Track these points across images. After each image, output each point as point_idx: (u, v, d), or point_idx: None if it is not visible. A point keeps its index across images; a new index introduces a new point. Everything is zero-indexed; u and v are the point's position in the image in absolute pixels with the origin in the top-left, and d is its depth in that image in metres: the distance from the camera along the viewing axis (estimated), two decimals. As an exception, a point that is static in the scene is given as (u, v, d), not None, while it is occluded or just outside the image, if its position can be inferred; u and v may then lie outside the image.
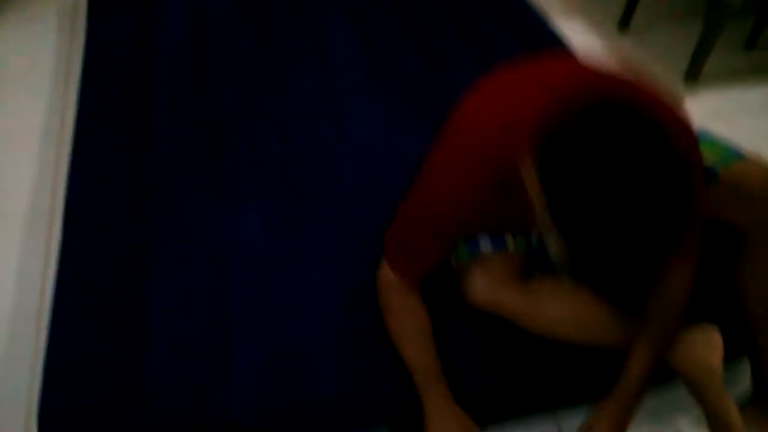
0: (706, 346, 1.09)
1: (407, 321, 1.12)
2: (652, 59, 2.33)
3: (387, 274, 1.13)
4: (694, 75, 2.19)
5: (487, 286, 1.12)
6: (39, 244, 1.54)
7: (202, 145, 1.42)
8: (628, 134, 0.77)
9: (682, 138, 0.89)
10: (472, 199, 1.02)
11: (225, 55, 1.67)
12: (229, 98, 1.55)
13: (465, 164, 1.01)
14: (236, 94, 1.56)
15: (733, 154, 1.14)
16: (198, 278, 1.20)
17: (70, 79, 2.01)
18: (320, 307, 1.18)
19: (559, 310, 1.12)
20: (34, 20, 2.30)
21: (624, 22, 2.47)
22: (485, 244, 1.15)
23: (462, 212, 1.04)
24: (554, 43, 1.83)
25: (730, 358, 1.16)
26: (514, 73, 1.09)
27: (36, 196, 1.65)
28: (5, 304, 1.41)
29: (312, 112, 1.54)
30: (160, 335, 1.13)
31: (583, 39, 2.38)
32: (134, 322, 1.14)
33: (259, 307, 1.17)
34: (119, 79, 1.60)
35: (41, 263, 1.49)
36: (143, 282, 1.19)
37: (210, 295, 1.18)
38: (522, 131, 0.91)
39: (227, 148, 1.42)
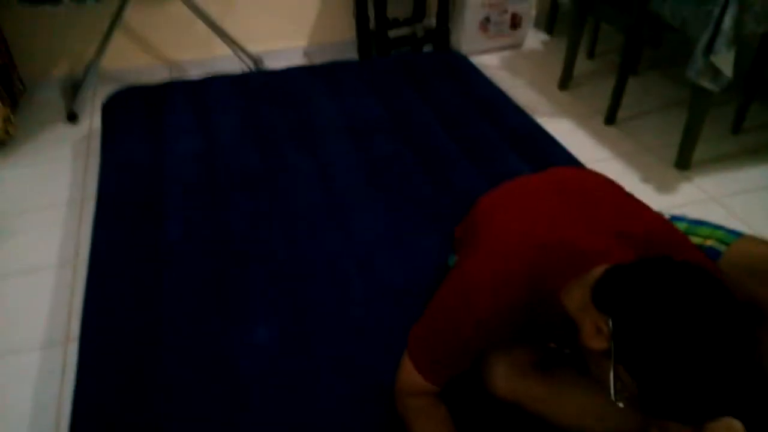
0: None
1: (432, 424, 1.10)
2: (641, 150, 2.42)
3: (408, 376, 1.12)
4: (684, 162, 2.27)
5: (509, 375, 1.11)
6: (55, 374, 1.54)
7: (211, 268, 1.46)
8: (706, 290, 0.86)
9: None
10: (503, 320, 1.04)
11: (233, 179, 1.73)
12: (237, 219, 1.60)
13: (501, 286, 1.04)
14: (243, 211, 1.62)
15: (732, 235, 1.18)
16: (209, 399, 1.19)
17: (84, 207, 2.09)
18: (330, 419, 1.16)
19: (581, 401, 1.10)
20: (48, 151, 2.42)
21: (610, 118, 2.58)
22: None
23: (491, 331, 1.06)
24: (545, 140, 1.90)
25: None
26: (540, 189, 1.22)
27: (51, 327, 1.66)
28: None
29: (316, 222, 1.59)
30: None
31: (572, 135, 2.48)
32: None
33: (270, 422, 1.16)
34: (132, 207, 1.66)
35: (56, 394, 1.49)
36: (158, 407, 1.18)
37: (223, 417, 1.17)
38: (564, 261, 1.02)
39: (236, 268, 1.46)
